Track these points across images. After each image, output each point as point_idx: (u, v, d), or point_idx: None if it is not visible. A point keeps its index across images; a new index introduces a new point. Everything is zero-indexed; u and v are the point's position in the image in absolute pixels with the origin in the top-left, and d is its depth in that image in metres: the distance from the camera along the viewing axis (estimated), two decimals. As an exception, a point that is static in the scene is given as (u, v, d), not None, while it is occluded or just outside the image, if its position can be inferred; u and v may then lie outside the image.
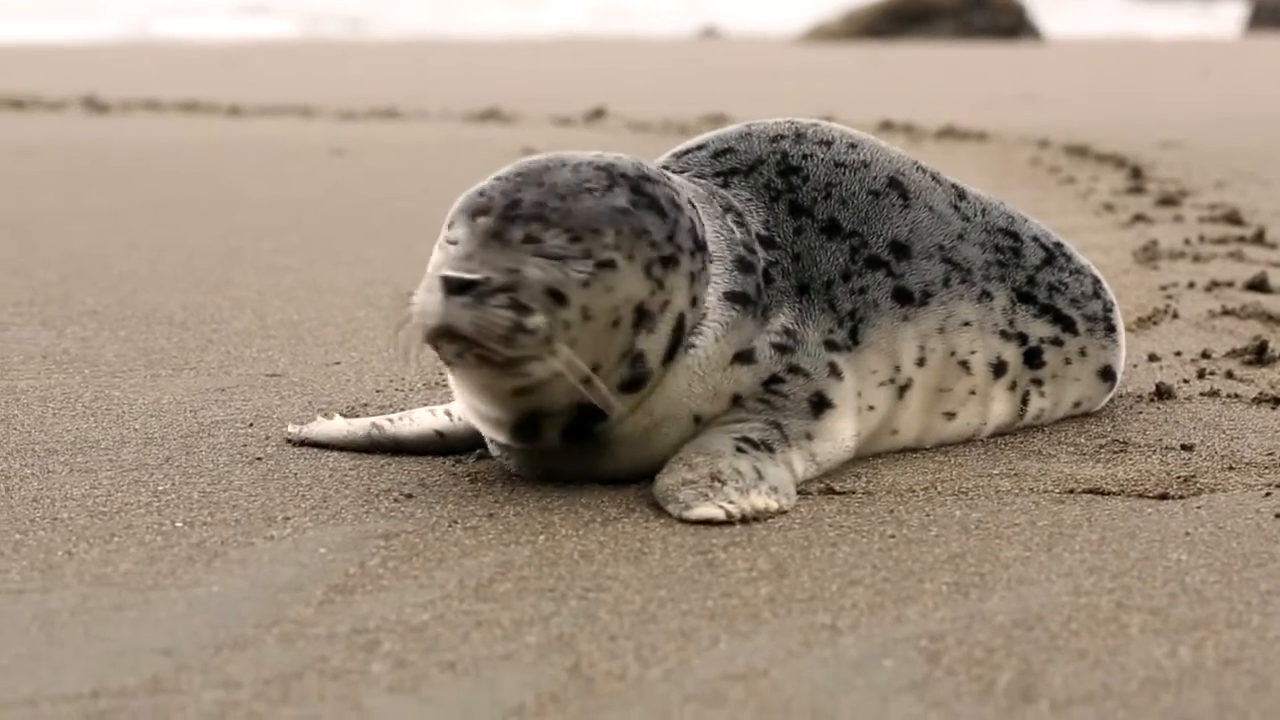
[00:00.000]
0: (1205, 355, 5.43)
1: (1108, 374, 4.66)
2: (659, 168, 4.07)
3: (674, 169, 4.29)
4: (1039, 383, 4.51)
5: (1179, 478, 4.09)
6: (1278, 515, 3.80)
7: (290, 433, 4.46)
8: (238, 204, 9.58)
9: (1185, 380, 5.08)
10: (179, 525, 3.73)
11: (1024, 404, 4.49)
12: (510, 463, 4.09)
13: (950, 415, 4.35)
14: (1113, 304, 4.71)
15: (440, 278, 3.69)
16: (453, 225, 3.80)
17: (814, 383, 4.06)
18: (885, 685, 2.86)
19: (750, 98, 16.70)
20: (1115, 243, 7.85)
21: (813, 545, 3.59)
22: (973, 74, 22.21)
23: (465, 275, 3.67)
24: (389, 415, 4.44)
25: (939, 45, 31.81)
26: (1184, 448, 4.35)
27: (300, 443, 4.42)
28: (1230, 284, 6.69)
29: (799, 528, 3.71)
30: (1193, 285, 6.68)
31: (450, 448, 4.32)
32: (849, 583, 3.36)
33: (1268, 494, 3.97)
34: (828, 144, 4.36)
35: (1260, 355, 5.33)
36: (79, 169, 11.19)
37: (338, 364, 5.38)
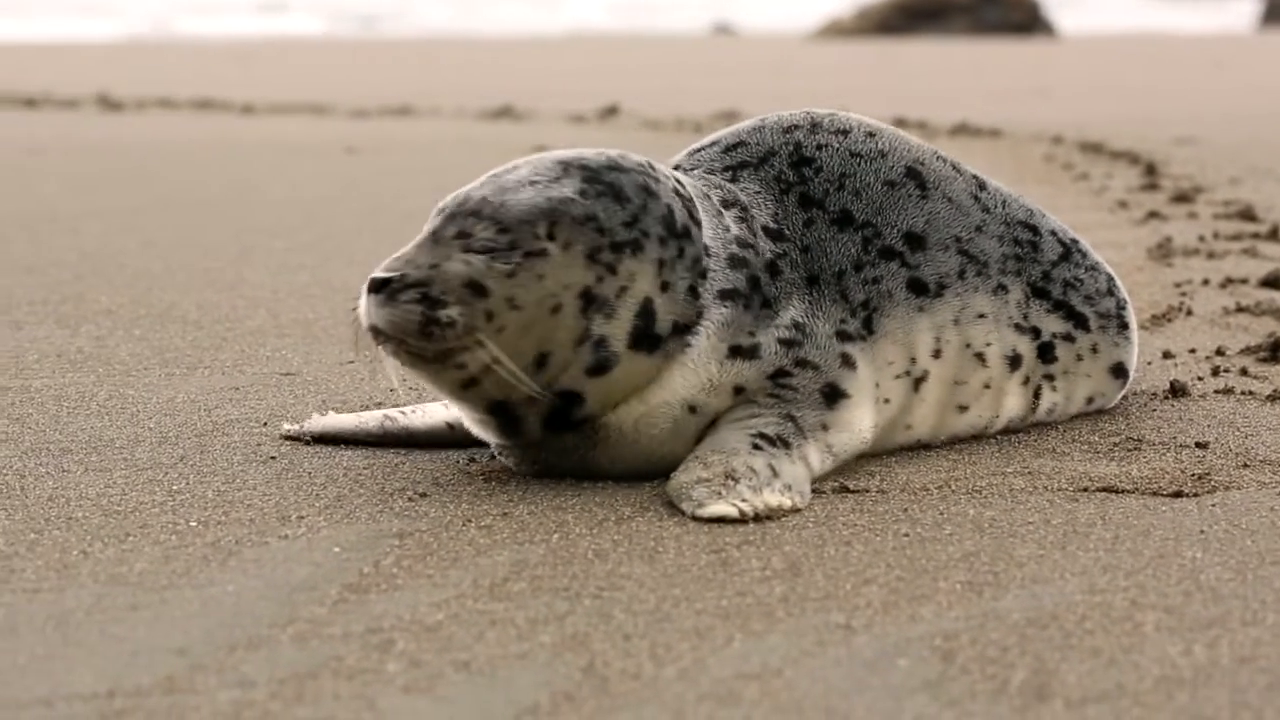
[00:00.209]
0: (1219, 352, 5.41)
1: (1120, 371, 4.66)
2: (648, 161, 4.07)
3: (685, 166, 4.30)
4: (1050, 378, 4.50)
5: (1193, 475, 4.08)
6: (1293, 513, 3.80)
7: (288, 430, 4.47)
8: (251, 202, 9.60)
9: (1199, 378, 5.07)
10: (193, 524, 3.73)
11: (1036, 398, 4.49)
12: (509, 460, 4.10)
13: (963, 409, 4.35)
14: (1126, 302, 4.70)
15: (369, 279, 3.81)
16: None
17: (824, 374, 4.06)
18: (899, 684, 2.86)
19: (763, 95, 16.69)
20: (1129, 239, 7.84)
21: (826, 544, 3.59)
22: (986, 70, 22.20)
23: (383, 274, 3.80)
24: (401, 408, 4.47)
25: (952, 42, 31.79)
26: (1198, 445, 4.34)
27: (311, 438, 4.43)
28: (1245, 281, 6.67)
29: (813, 526, 3.71)
30: (1207, 282, 6.67)
31: (461, 441, 4.34)
32: (863, 581, 3.36)
33: (1283, 492, 3.97)
34: (844, 133, 4.36)
35: (1275, 352, 5.32)
36: (92, 167, 11.21)
37: (351, 362, 5.39)
